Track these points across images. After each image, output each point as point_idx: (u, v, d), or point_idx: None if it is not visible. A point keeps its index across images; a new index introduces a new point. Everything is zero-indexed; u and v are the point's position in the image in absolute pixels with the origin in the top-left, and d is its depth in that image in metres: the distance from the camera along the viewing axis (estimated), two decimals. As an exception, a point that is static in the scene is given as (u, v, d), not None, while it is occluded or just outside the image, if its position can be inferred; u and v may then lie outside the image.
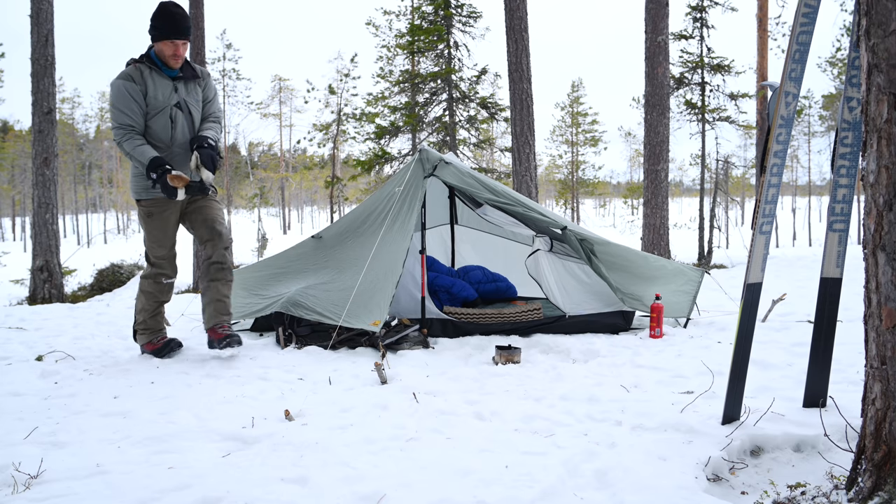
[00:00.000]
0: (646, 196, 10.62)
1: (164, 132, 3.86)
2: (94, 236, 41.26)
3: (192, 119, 3.98)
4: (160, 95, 3.83)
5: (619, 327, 4.81)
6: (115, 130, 3.77)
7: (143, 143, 3.76)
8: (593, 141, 34.68)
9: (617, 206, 57.07)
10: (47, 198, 9.49)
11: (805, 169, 43.90)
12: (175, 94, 3.90)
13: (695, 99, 15.87)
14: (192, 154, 3.87)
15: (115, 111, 3.75)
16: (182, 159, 3.92)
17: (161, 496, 2.05)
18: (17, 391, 3.30)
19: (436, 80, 15.17)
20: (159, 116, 3.85)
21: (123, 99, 3.73)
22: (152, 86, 3.81)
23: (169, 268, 4.09)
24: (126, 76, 3.77)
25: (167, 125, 3.86)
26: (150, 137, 3.85)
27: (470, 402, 3.05)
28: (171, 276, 4.11)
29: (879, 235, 1.82)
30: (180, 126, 3.92)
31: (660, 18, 10.18)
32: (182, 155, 3.92)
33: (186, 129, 3.95)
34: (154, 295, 4.10)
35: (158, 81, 3.84)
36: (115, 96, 3.76)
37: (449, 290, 5.18)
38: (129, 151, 3.74)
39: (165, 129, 3.87)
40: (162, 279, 4.07)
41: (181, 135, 3.92)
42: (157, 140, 3.86)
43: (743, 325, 2.59)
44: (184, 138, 3.93)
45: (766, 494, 2.18)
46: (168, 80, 3.87)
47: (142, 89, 3.77)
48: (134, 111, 3.75)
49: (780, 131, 2.49)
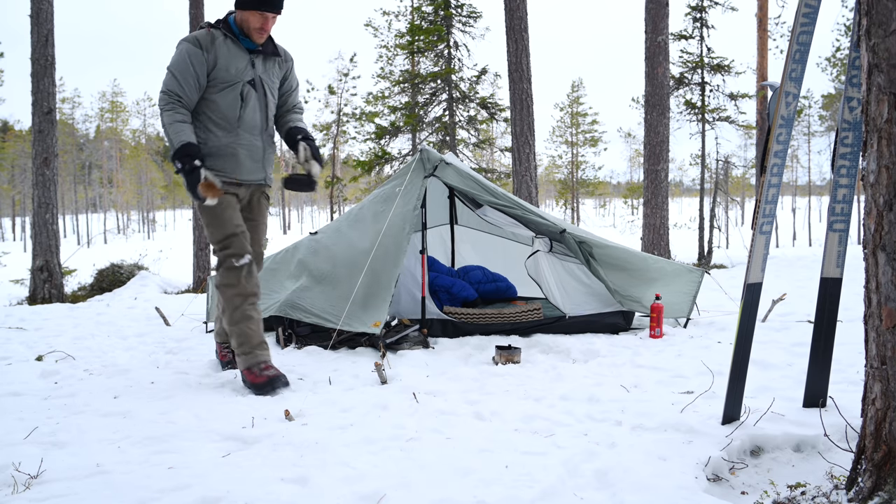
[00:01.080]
0: (646, 196, 10.62)
1: (231, 110, 3.34)
2: (94, 236, 41.26)
3: (266, 101, 3.47)
4: (232, 68, 3.32)
5: (619, 327, 4.81)
6: (160, 94, 3.27)
7: (184, 121, 3.25)
8: (593, 141, 34.69)
9: (617, 207, 57.06)
10: (47, 198, 9.49)
11: (805, 169, 43.92)
12: (250, 70, 3.38)
13: (695, 99, 15.88)
14: (300, 145, 3.48)
15: (168, 74, 3.26)
16: (248, 144, 3.41)
17: (161, 496, 2.05)
18: (17, 391, 3.30)
19: (436, 80, 15.17)
20: (228, 91, 3.33)
21: (181, 64, 3.24)
22: (224, 55, 3.30)
23: (237, 245, 3.38)
24: (194, 40, 3.26)
25: (236, 102, 3.34)
26: (213, 114, 3.33)
27: (470, 402, 3.05)
28: (243, 253, 3.38)
29: (879, 235, 1.82)
30: (251, 106, 3.40)
31: (660, 18, 10.18)
32: (248, 140, 3.41)
33: (258, 111, 3.43)
34: (231, 285, 3.38)
35: (233, 52, 3.32)
36: (174, 58, 3.27)
37: (449, 290, 5.18)
38: (165, 123, 3.24)
39: (233, 107, 3.35)
40: (233, 261, 3.36)
41: (251, 116, 3.40)
42: (220, 118, 3.34)
43: (743, 325, 2.59)
44: (252, 121, 3.41)
45: (766, 494, 2.18)
46: (244, 53, 3.36)
47: (208, 58, 3.26)
48: (188, 81, 3.25)
49: (780, 131, 2.49)
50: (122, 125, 49.63)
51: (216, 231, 3.39)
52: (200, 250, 11.77)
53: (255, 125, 3.44)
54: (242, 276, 3.38)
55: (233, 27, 3.37)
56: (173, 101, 3.25)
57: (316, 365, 3.86)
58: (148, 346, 4.62)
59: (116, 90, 48.58)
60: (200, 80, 3.28)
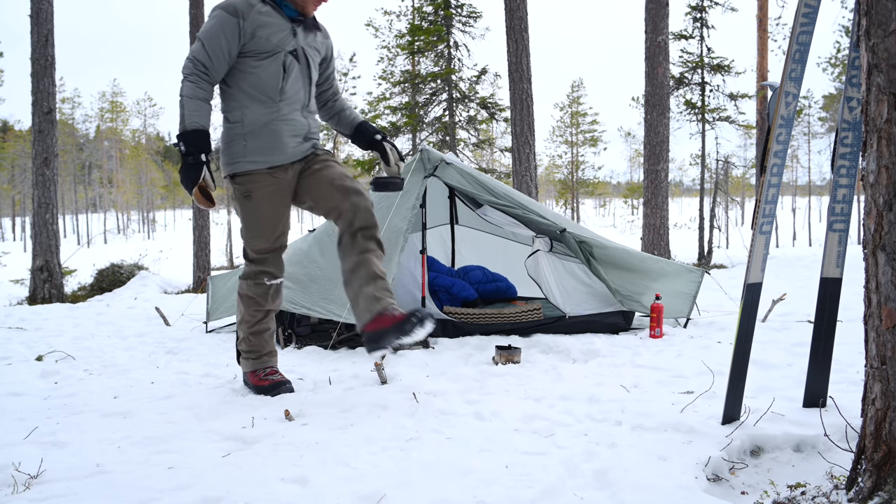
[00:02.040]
0: (646, 196, 10.62)
1: (273, 81, 2.98)
2: (94, 236, 41.26)
3: (309, 73, 3.12)
4: (273, 37, 2.96)
5: (619, 327, 4.82)
6: (186, 61, 2.92)
7: (205, 100, 2.91)
8: (593, 141, 34.71)
9: (617, 206, 57.09)
10: (47, 198, 9.49)
11: (805, 169, 43.93)
12: (292, 39, 3.02)
13: (695, 99, 15.89)
14: (387, 146, 3.25)
15: (198, 43, 2.91)
16: (290, 120, 3.05)
17: (161, 496, 2.05)
18: (17, 391, 3.30)
19: (436, 80, 15.18)
20: (270, 62, 2.97)
21: (212, 32, 2.88)
22: (265, 23, 2.93)
23: (273, 264, 3.14)
24: (229, 6, 2.90)
25: (278, 73, 2.98)
26: (252, 87, 2.97)
27: (470, 402, 3.05)
28: (277, 274, 3.17)
29: (879, 235, 1.82)
30: (293, 78, 3.04)
31: (660, 18, 10.18)
32: (290, 115, 3.05)
33: (300, 83, 3.08)
34: (255, 301, 3.16)
35: (274, 19, 2.96)
36: (206, 26, 2.93)
37: (449, 290, 5.18)
38: (184, 93, 2.88)
39: (275, 79, 2.98)
40: (264, 279, 3.14)
41: (292, 89, 3.04)
42: (260, 91, 2.98)
43: (743, 325, 2.59)
44: (296, 94, 3.06)
45: (766, 494, 2.18)
46: (286, 21, 3.00)
47: (244, 26, 2.89)
48: (217, 52, 2.89)
49: (780, 131, 2.49)
50: (122, 125, 49.65)
51: (255, 238, 3.09)
52: (200, 250, 11.78)
53: (298, 99, 3.08)
54: (270, 294, 3.17)
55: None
56: (199, 73, 2.90)
57: (316, 365, 3.86)
58: (148, 346, 4.62)
59: (116, 90, 48.61)
60: (232, 52, 2.93)
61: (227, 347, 4.42)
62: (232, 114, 3.03)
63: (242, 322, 3.21)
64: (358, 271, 2.93)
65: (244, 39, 2.92)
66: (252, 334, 3.19)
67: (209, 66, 2.90)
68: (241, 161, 3.00)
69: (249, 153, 3.00)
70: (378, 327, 2.81)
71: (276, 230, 3.10)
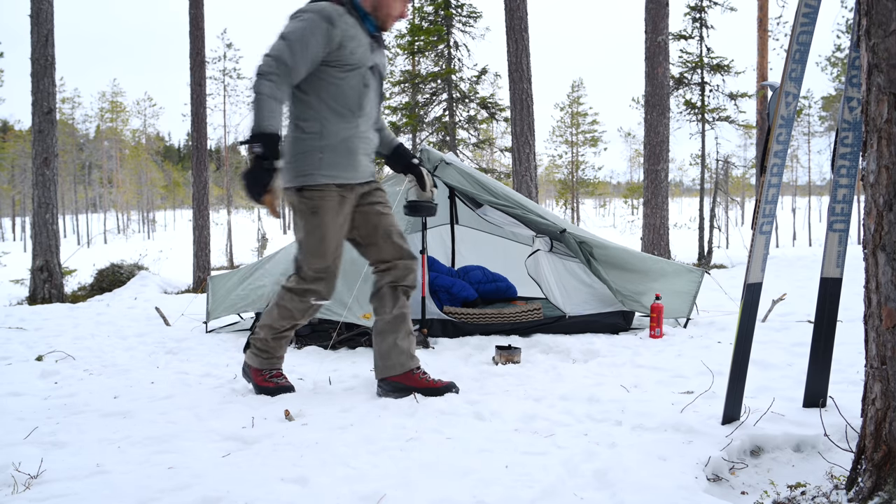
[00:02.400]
0: (646, 196, 10.63)
1: (356, 96, 2.89)
2: (94, 236, 41.27)
3: (380, 91, 3.09)
4: (357, 50, 2.86)
5: (619, 327, 4.81)
6: (265, 57, 2.71)
7: (282, 102, 2.75)
8: (593, 141, 34.72)
9: (617, 206, 57.10)
10: (47, 198, 9.49)
11: (805, 169, 43.96)
12: (371, 55, 2.95)
13: (695, 99, 15.90)
14: (424, 171, 3.32)
15: (281, 42, 2.72)
16: (365, 138, 3.00)
17: (161, 496, 2.05)
18: (17, 391, 3.30)
19: (436, 80, 15.18)
20: (353, 75, 2.87)
21: (301, 33, 2.72)
22: (352, 35, 2.85)
23: (325, 286, 3.01)
24: (321, 11, 2.77)
25: (359, 88, 2.90)
26: (334, 100, 2.87)
27: (470, 402, 3.05)
28: (325, 297, 3.05)
29: (879, 235, 1.82)
30: (371, 95, 2.97)
31: (660, 18, 10.18)
32: (366, 133, 3.00)
33: (374, 102, 3.02)
34: (292, 315, 3.07)
35: (358, 32, 2.88)
36: (292, 26, 2.76)
37: (449, 290, 5.18)
38: (261, 91, 2.66)
39: (357, 93, 2.89)
40: (311, 299, 3.02)
41: (369, 105, 2.97)
42: (342, 105, 2.88)
43: (743, 325, 2.59)
44: (371, 111, 3.00)
45: (766, 494, 2.18)
46: (366, 35, 2.92)
47: (334, 34, 2.79)
48: (304, 53, 2.73)
49: (780, 131, 2.49)
50: (122, 125, 49.66)
51: (315, 257, 2.96)
52: (200, 250, 11.78)
53: (372, 116, 3.02)
54: (308, 312, 3.09)
55: (357, 6, 2.91)
56: (280, 73, 2.69)
57: (316, 365, 3.86)
58: (148, 346, 4.62)
59: (116, 90, 48.61)
60: (317, 58, 2.79)
61: (226, 347, 4.42)
62: (308, 124, 2.89)
63: (267, 326, 3.11)
64: (396, 325, 3.06)
65: (331, 47, 2.80)
66: (273, 338, 3.14)
67: (293, 67, 2.72)
68: (315, 174, 2.87)
69: (324, 167, 2.88)
70: (406, 383, 3.06)
71: (338, 247, 3.00)
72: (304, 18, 2.76)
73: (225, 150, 33.70)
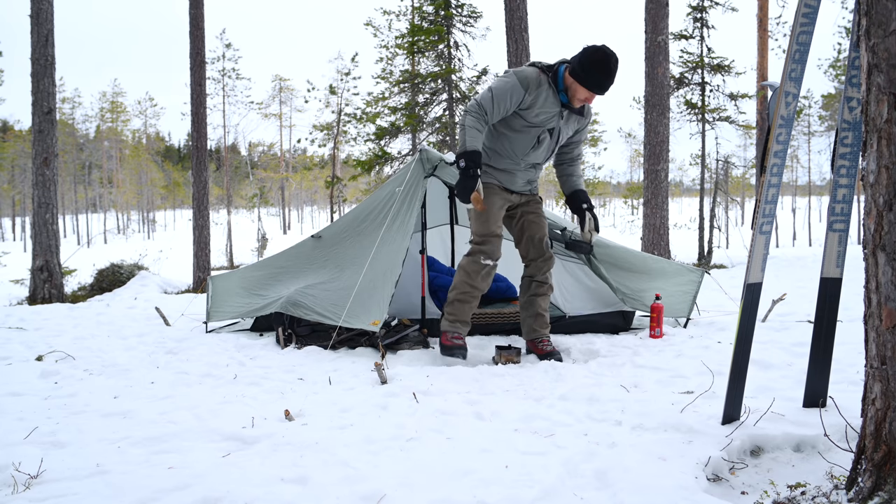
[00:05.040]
0: (646, 196, 10.62)
1: (521, 149, 3.85)
2: (94, 236, 41.26)
3: (555, 146, 3.95)
4: (542, 115, 3.74)
5: (619, 327, 4.81)
6: (474, 102, 3.71)
7: (481, 131, 3.70)
8: (593, 141, 34.68)
9: (617, 206, 57.06)
10: (47, 198, 9.49)
11: (805, 169, 43.91)
12: (556, 120, 3.80)
13: (695, 99, 15.88)
14: (587, 216, 4.01)
15: (489, 93, 3.69)
16: (525, 172, 3.94)
17: (161, 496, 2.05)
18: (17, 391, 3.30)
19: (436, 80, 15.17)
20: (526, 134, 3.80)
21: (503, 91, 3.67)
22: (541, 103, 3.71)
23: (490, 247, 3.85)
24: (524, 79, 3.67)
25: (528, 145, 3.83)
26: (501, 147, 3.86)
27: (470, 402, 3.05)
28: (492, 258, 3.86)
29: (879, 235, 1.82)
30: (542, 149, 3.88)
31: (660, 18, 10.18)
32: (526, 168, 3.93)
33: (545, 152, 3.91)
34: (469, 274, 3.86)
35: (549, 102, 3.72)
36: (500, 82, 3.70)
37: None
38: (466, 124, 3.68)
39: (523, 148, 3.84)
40: (481, 258, 3.84)
41: (535, 154, 3.89)
42: (505, 152, 3.87)
43: (743, 325, 2.59)
44: (536, 158, 3.91)
45: (766, 494, 2.18)
46: (557, 105, 3.76)
47: (526, 98, 3.68)
48: (499, 107, 3.69)
49: (780, 131, 2.49)
50: (122, 125, 49.64)
51: (481, 226, 3.86)
52: (200, 250, 11.77)
53: (538, 162, 3.94)
54: (482, 274, 3.86)
55: (559, 80, 3.72)
56: (481, 114, 3.69)
57: (316, 365, 3.86)
58: (148, 346, 4.62)
59: (117, 90, 48.58)
60: (507, 111, 3.72)
61: (226, 347, 4.42)
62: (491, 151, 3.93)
63: (454, 288, 3.92)
64: (527, 306, 4.08)
65: (521, 106, 3.71)
66: (457, 300, 3.89)
67: (490, 114, 3.71)
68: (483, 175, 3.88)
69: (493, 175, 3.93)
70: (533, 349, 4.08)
71: (498, 221, 3.90)
72: (509, 79, 3.69)
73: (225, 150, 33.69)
